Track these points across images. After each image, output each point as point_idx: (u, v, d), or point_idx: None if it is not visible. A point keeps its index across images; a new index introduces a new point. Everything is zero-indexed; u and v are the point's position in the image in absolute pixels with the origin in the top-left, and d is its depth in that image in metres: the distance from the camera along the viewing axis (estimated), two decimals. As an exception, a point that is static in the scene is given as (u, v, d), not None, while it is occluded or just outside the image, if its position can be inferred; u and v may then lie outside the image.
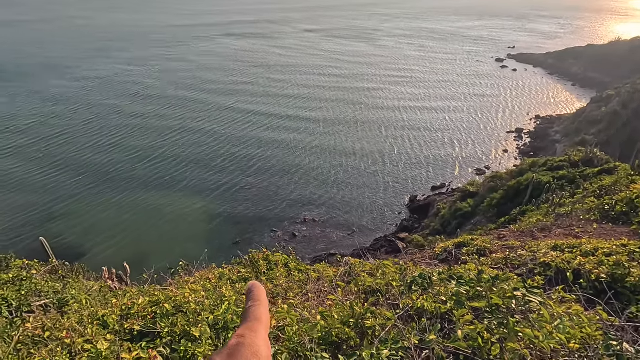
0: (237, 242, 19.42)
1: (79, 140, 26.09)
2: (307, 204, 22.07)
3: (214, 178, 22.04)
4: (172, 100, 33.89)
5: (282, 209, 21.59)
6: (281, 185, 22.82)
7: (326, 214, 22.03)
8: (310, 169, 24.66)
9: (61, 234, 16.09)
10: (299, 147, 26.91)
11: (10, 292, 6.40)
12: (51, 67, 45.50)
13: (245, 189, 21.73)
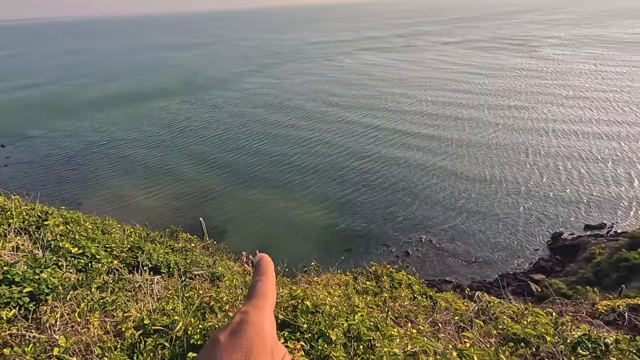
0: (349, 249, 19.81)
1: (230, 143, 30.90)
2: (425, 226, 21.03)
3: (336, 188, 23.05)
4: (305, 113, 36.98)
5: (398, 226, 21.12)
6: (400, 203, 22.32)
7: (445, 239, 20.58)
8: (434, 191, 23.41)
9: (210, 216, 19.20)
10: (423, 167, 25.90)
11: (180, 259, 7.99)
12: (218, 80, 55.47)
13: (362, 201, 22.05)
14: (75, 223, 7.20)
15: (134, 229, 8.90)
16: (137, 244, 7.20)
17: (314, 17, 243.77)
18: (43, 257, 4.91)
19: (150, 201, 22.89)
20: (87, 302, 4.12)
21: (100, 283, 5.08)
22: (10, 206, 6.16)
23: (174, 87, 53.27)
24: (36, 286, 4.37)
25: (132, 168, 27.76)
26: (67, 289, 4.37)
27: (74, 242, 6.09)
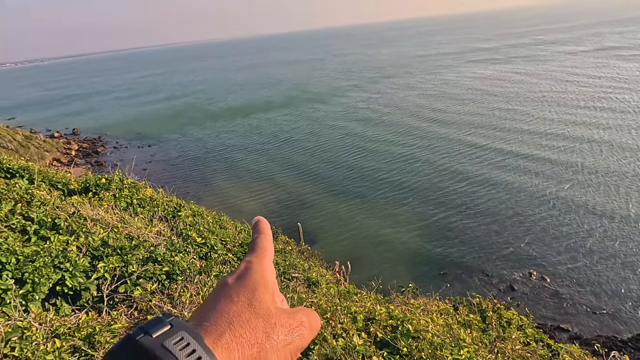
0: (444, 273, 18.46)
1: (328, 154, 32.05)
2: (538, 262, 18.32)
3: (432, 209, 21.83)
4: (404, 128, 36.07)
5: (503, 257, 18.86)
6: (507, 233, 19.97)
7: (563, 279, 17.56)
8: (554, 225, 20.28)
9: (305, 222, 20.10)
10: (541, 195, 22.73)
11: (280, 259, 8.56)
12: (319, 94, 58.35)
13: (462, 226, 20.37)
14: (200, 216, 8.35)
15: (243, 227, 9.86)
16: (245, 241, 7.97)
17: (416, 31, 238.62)
18: (177, 242, 5.82)
19: (254, 202, 25.12)
20: (207, 288, 4.73)
21: (217, 272, 5.77)
22: (156, 197, 7.48)
23: (280, 100, 57.87)
24: (171, 267, 5.19)
25: (241, 172, 30.96)
26: (194, 273, 5.09)
27: (198, 233, 7.07)
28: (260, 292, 0.56)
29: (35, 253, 3.51)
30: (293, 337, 0.54)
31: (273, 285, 0.60)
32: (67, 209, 4.77)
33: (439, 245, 19.08)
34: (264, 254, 0.64)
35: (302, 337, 0.56)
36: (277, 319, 0.54)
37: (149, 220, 6.80)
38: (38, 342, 2.70)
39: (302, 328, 0.56)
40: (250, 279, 0.57)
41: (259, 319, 0.52)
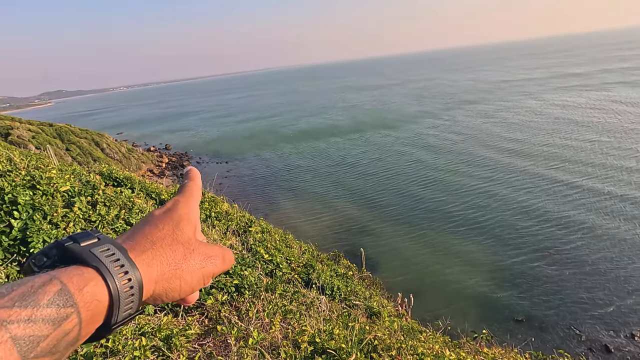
0: (520, 320, 16.48)
1: (393, 182, 31.13)
2: (643, 321, 15.47)
3: (508, 251, 19.76)
4: (477, 159, 33.58)
5: (596, 310, 16.21)
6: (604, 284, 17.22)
7: (680, 346, 14.50)
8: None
9: (367, 248, 19.66)
10: (640, 244, 19.48)
11: (342, 284, 8.45)
12: (391, 120, 57.75)
13: (545, 272, 18.05)
14: (268, 233, 8.69)
15: (307, 247, 10.00)
16: (309, 262, 8.04)
17: (500, 55, 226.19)
18: (247, 257, 6.11)
19: (317, 223, 25.44)
20: (272, 305, 4.85)
21: (282, 290, 5.90)
22: (231, 212, 8.01)
23: (350, 125, 58.64)
24: (240, 280, 5.44)
25: (306, 193, 31.76)
26: (261, 289, 5.27)
27: (266, 250, 7.34)
28: (184, 224, 0.61)
29: (132, 255, 3.97)
30: (207, 264, 0.61)
31: (196, 222, 0.65)
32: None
33: (516, 291, 17.14)
34: (190, 196, 0.68)
35: (215, 265, 0.63)
36: (196, 247, 0.60)
37: (223, 233, 7.27)
38: (127, 337, 2.99)
39: (216, 258, 0.63)
40: (176, 213, 0.62)
41: (179, 245, 0.58)
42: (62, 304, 0.39)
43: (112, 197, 5.03)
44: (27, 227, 3.51)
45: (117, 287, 0.46)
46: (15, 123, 38.57)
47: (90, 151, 39.22)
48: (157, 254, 0.55)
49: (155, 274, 0.53)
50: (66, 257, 0.46)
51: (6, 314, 0.35)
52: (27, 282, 0.38)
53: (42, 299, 0.37)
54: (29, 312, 0.36)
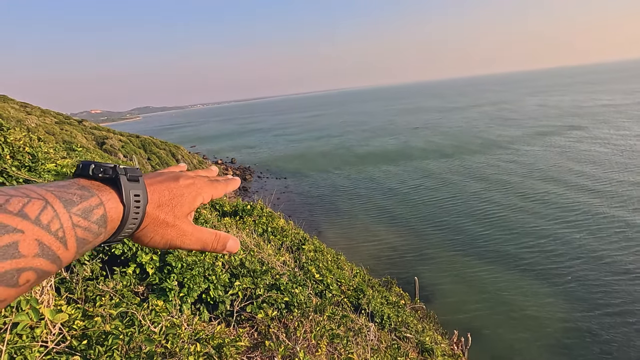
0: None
1: (462, 208, 29.04)
2: None
3: (601, 296, 17.28)
4: (555, 197, 29.88)
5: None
6: None
7: None
8: None
9: (421, 277, 18.67)
10: None
11: (393, 313, 8.11)
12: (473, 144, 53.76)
13: (628, 334, 15.43)
14: (320, 253, 8.74)
15: (360, 270, 9.82)
16: (360, 286, 7.88)
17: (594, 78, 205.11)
18: (299, 275, 6.19)
19: (371, 246, 24.89)
20: (320, 327, 4.82)
21: (330, 313, 5.84)
22: (286, 228, 8.23)
23: (419, 146, 56.96)
24: (291, 298, 5.52)
25: (363, 213, 31.37)
26: (310, 309, 5.28)
27: (317, 269, 7.37)
28: (167, 180, 0.69)
29: (194, 263, 4.26)
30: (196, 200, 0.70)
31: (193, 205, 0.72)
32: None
33: (599, 328, 14.87)
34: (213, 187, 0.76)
35: (203, 198, 0.72)
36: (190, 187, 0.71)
37: (277, 248, 7.48)
38: (184, 341, 3.19)
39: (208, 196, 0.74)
40: (161, 173, 0.72)
41: (180, 187, 0.69)
42: (102, 223, 0.55)
43: (182, 206, 5.50)
44: (111, 229, 3.97)
45: (130, 212, 0.59)
46: (110, 134, 44.34)
47: (167, 161, 43.35)
48: (162, 185, 0.67)
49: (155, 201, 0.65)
50: (113, 179, 0.59)
51: (77, 220, 0.51)
52: (89, 198, 0.54)
53: (93, 217, 0.54)
54: (87, 224, 0.52)
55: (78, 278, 3.67)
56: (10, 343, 2.34)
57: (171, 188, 0.68)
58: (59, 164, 4.39)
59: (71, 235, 0.50)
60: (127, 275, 3.87)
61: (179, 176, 0.72)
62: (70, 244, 0.50)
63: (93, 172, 0.58)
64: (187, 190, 0.69)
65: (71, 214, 0.51)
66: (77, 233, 0.51)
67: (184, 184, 0.71)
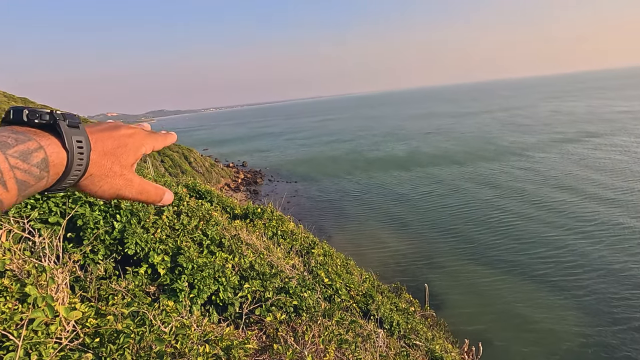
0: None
1: (474, 215, 28.51)
2: None
3: (621, 311, 16.76)
4: (573, 207, 28.82)
5: None
6: None
7: None
8: None
9: (432, 284, 18.43)
10: None
11: (402, 320, 8.02)
12: (485, 150, 52.32)
13: None
14: (330, 257, 8.71)
15: (369, 275, 9.75)
16: (369, 292, 7.82)
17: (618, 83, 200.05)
18: (308, 279, 6.19)
19: (381, 252, 24.71)
20: (329, 332, 4.79)
21: (339, 318, 5.81)
22: (296, 232, 8.25)
23: (430, 152, 56.44)
24: (299, 302, 5.52)
25: (372, 219, 31.19)
26: (318, 313, 5.27)
27: (326, 274, 7.35)
28: (125, 128, 0.72)
29: (204, 264, 4.30)
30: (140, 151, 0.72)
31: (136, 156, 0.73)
32: (231, 231, 5.73)
33: (621, 348, 14.40)
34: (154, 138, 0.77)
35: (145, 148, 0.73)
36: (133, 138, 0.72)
37: (287, 252, 7.49)
38: (194, 341, 3.22)
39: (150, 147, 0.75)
40: (106, 123, 0.72)
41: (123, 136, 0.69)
42: (44, 167, 0.55)
43: (193, 208, 5.57)
44: (125, 229, 4.05)
45: (74, 158, 0.59)
46: (126, 136, 45.22)
47: (180, 164, 43.99)
48: (103, 134, 0.67)
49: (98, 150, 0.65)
50: (51, 125, 0.59)
51: (14, 162, 0.51)
52: (26, 142, 0.54)
53: (32, 160, 0.54)
54: (26, 166, 0.53)
55: (92, 277, 3.74)
56: (26, 339, 2.40)
57: (114, 137, 0.69)
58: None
59: (10, 177, 0.50)
60: (139, 275, 3.93)
61: (120, 126, 0.73)
62: (10, 186, 0.50)
63: (28, 118, 0.57)
64: (130, 140, 0.70)
65: (7, 156, 0.51)
66: (17, 175, 0.51)
67: (126, 133, 0.71)
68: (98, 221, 3.85)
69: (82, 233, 3.82)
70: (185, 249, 4.27)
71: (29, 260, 2.93)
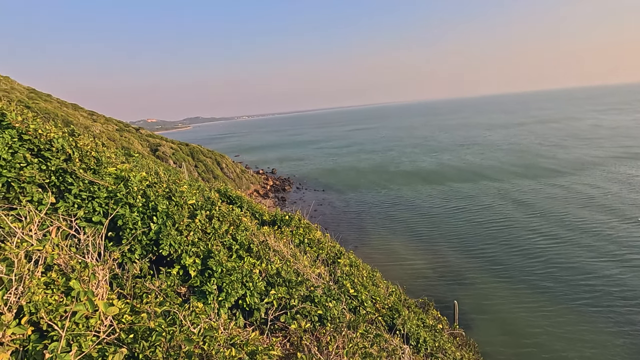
0: None
1: (507, 235, 26.83)
2: None
3: None
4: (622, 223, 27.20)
5: None
6: None
7: None
8: None
9: (461, 302, 17.72)
10: None
11: (429, 337, 7.75)
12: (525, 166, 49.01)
13: None
14: (356, 268, 8.62)
15: (395, 289, 9.53)
16: (395, 305, 7.64)
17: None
18: (333, 289, 6.15)
19: (408, 264, 24.12)
20: (353, 345, 4.73)
21: (363, 330, 5.72)
22: (323, 240, 8.24)
23: (458, 165, 55.01)
24: (324, 311, 5.49)
25: (400, 231, 30.58)
26: (343, 324, 5.21)
27: (352, 284, 7.27)
28: None
29: (233, 268, 4.40)
30: None
31: None
32: (259, 237, 5.83)
33: None
34: None
35: None
36: None
37: (313, 260, 7.50)
38: (220, 344, 3.28)
39: None
40: None
41: None
42: None
43: (225, 213, 5.73)
44: (160, 231, 4.23)
45: None
46: (162, 142, 47.40)
47: (212, 169, 45.41)
48: None
49: None
50: None
51: None
52: None
53: None
54: None
55: (128, 275, 3.93)
56: (69, 330, 2.55)
57: None
58: (118, 168, 4.79)
59: None
60: (172, 276, 4.08)
61: None
62: None
63: None
64: None
65: None
66: None
67: None
68: (136, 222, 4.06)
69: (121, 233, 4.03)
70: (215, 253, 4.39)
71: (74, 256, 3.13)
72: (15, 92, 36.45)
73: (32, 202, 3.71)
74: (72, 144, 4.52)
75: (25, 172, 3.75)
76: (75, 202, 3.93)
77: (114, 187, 4.25)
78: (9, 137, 3.93)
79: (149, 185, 4.92)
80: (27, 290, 2.50)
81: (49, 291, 2.75)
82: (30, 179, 3.74)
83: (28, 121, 4.39)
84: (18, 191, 3.69)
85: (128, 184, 4.41)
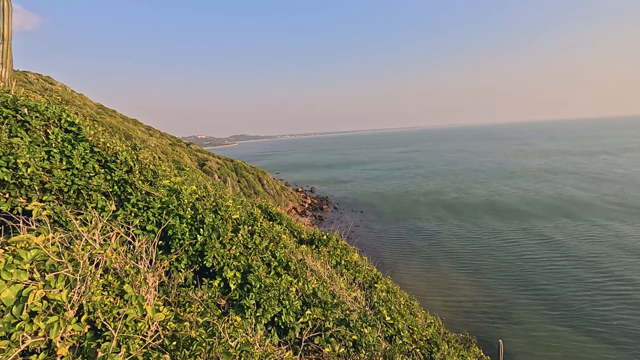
0: None
1: (565, 275, 24.60)
2: None
3: None
4: None
5: None
6: None
7: None
8: None
9: (507, 339, 16.42)
10: None
11: (469, 378, 7.20)
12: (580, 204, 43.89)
13: None
14: (393, 294, 8.33)
15: (434, 320, 9.06)
16: (434, 338, 7.24)
17: None
18: (369, 315, 5.98)
19: (448, 295, 22.86)
20: (388, 376, 4.53)
21: (399, 362, 5.46)
22: (360, 263, 8.11)
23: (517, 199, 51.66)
24: (359, 337, 5.34)
25: (442, 259, 29.21)
26: (378, 353, 5.03)
27: (389, 311, 7.02)
28: None
29: (271, 285, 4.45)
30: None
31: None
32: (297, 255, 5.88)
33: None
34: None
35: None
36: None
37: (349, 283, 7.38)
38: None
39: None
40: None
41: None
42: None
43: (266, 229, 5.86)
44: (205, 243, 4.42)
45: None
46: (210, 157, 49.96)
47: (254, 185, 46.84)
48: None
49: None
50: None
51: None
52: None
53: None
54: None
55: (174, 283, 4.13)
56: (120, 332, 2.72)
57: None
58: (172, 180, 5.12)
59: None
60: (213, 287, 4.22)
61: None
62: None
63: None
64: None
65: None
66: None
67: None
68: (185, 233, 4.28)
69: (170, 242, 4.27)
70: (255, 268, 4.49)
71: (128, 261, 3.36)
72: (86, 107, 40.59)
73: (97, 208, 4.06)
74: (134, 157, 4.93)
75: (93, 181, 4.14)
76: (133, 211, 4.24)
77: (167, 198, 4.54)
78: (82, 149, 4.38)
79: (198, 198, 5.19)
80: (88, 290, 2.71)
81: (105, 293, 2.96)
82: (96, 187, 4.12)
83: (99, 135, 4.88)
84: (86, 198, 4.06)
85: (179, 196, 4.69)
